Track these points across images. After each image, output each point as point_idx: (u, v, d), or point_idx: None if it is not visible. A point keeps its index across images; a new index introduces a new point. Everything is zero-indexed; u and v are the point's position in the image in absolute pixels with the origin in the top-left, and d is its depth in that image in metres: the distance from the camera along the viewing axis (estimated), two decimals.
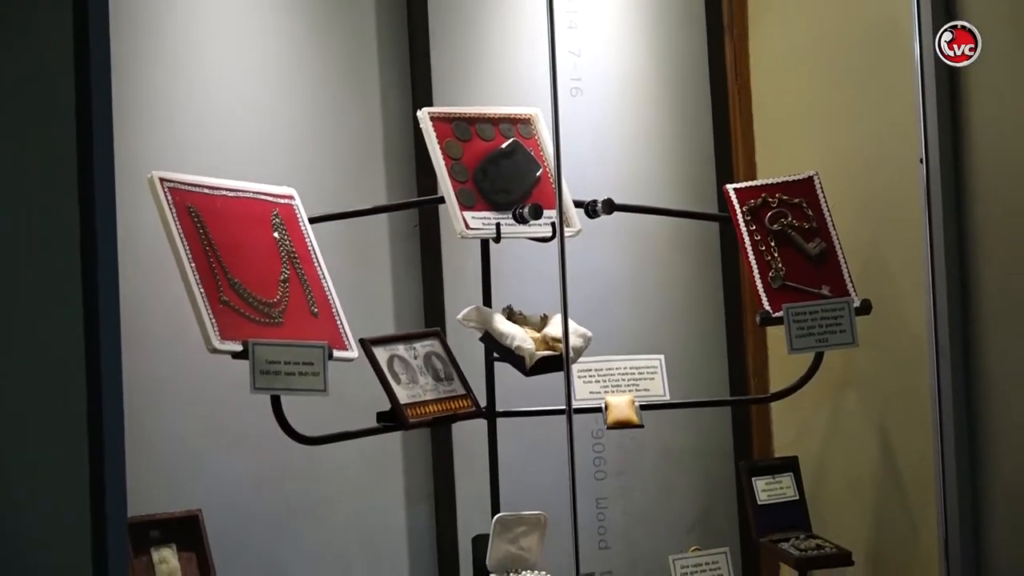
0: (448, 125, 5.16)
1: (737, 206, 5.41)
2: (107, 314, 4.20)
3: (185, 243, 4.67)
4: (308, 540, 5.19)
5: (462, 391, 5.05)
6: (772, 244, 5.37)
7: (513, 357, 5.05)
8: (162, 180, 4.70)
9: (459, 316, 5.12)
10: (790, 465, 5.44)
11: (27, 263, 4.13)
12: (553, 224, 5.08)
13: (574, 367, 5.07)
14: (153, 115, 5.02)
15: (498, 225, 5.08)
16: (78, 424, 4.16)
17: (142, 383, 4.54)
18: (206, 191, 4.79)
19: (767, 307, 5.29)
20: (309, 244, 4.94)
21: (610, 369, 5.23)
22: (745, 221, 5.39)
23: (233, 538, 4.92)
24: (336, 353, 4.77)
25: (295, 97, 5.30)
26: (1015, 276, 5.07)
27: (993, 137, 5.12)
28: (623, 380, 5.24)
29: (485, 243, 5.13)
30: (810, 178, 5.45)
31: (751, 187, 5.49)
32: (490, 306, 5.13)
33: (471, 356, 5.14)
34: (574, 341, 5.04)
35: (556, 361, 5.02)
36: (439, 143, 5.11)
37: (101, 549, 4.17)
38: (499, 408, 5.14)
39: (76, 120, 4.16)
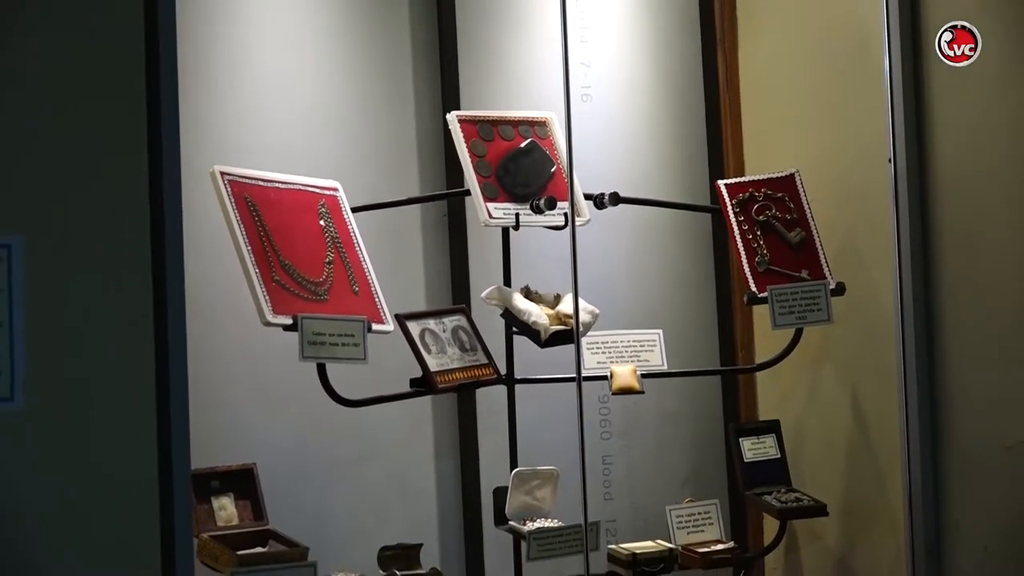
0: (474, 126, 5.18)
1: (727, 199, 5.42)
2: (173, 291, 4.22)
3: (242, 229, 4.69)
4: (348, 490, 5.21)
5: (485, 360, 5.07)
6: (758, 233, 5.38)
7: (530, 331, 5.07)
8: (223, 174, 4.73)
9: (483, 295, 5.15)
10: (772, 427, 5.45)
11: (106, 246, 4.14)
12: (565, 214, 5.11)
13: (583, 340, 5.08)
14: (214, 114, 5.02)
15: (517, 215, 5.10)
16: (148, 387, 4.17)
17: (204, 351, 4.56)
18: (261, 183, 4.80)
19: (753, 288, 5.30)
20: (351, 231, 4.95)
21: (615, 342, 5.25)
22: (734, 213, 5.40)
23: (283, 488, 4.93)
24: (374, 326, 4.80)
25: (339, 100, 5.30)
26: (970, 262, 5.10)
27: (953, 140, 5.13)
28: (626, 352, 5.25)
29: (506, 231, 5.15)
30: (791, 175, 5.45)
31: (740, 183, 5.51)
32: (510, 286, 5.14)
33: (493, 330, 5.16)
34: (583, 317, 5.07)
35: (567, 335, 5.05)
36: (466, 142, 5.13)
37: (168, 497, 4.19)
38: (517, 376, 5.17)
39: (147, 119, 4.17)
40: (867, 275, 5.32)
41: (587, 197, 5.24)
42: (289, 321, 4.64)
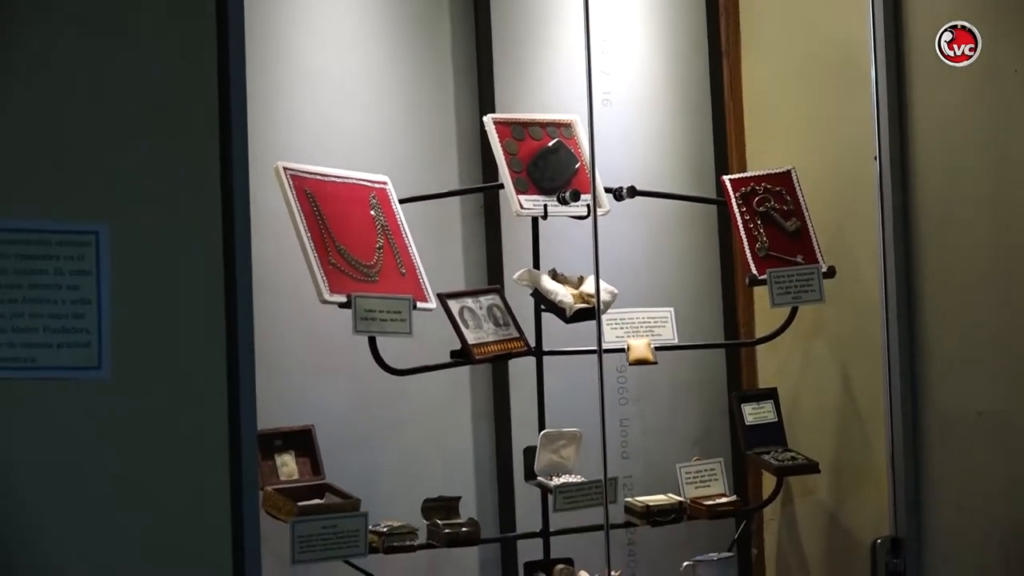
0: (507, 128, 5.18)
1: (731, 192, 5.42)
2: (242, 273, 4.22)
3: (302, 218, 4.70)
4: (395, 449, 5.21)
5: (516, 334, 5.07)
6: (758, 222, 5.38)
7: (556, 308, 5.08)
8: (285, 169, 4.74)
9: (515, 276, 5.16)
10: (771, 395, 5.45)
11: (182, 232, 4.14)
12: (588, 205, 5.11)
13: (604, 317, 5.08)
14: (278, 115, 5.03)
15: (545, 206, 5.10)
16: (219, 357, 4.17)
17: (268, 326, 4.55)
18: (319, 177, 4.82)
19: (754, 271, 5.30)
20: (398, 220, 4.96)
21: (631, 318, 5.25)
22: (737, 204, 5.39)
23: (338, 447, 4.94)
24: (419, 304, 4.81)
25: (389, 104, 5.31)
26: (946, 248, 5.10)
27: (931, 140, 5.12)
28: (642, 327, 5.25)
29: (535, 220, 5.15)
30: (788, 171, 5.45)
31: (742, 178, 5.50)
32: (539, 269, 5.15)
33: (523, 307, 5.16)
34: (604, 296, 5.07)
35: (590, 312, 5.05)
36: (500, 142, 5.14)
37: (236, 455, 4.19)
38: (545, 348, 5.17)
39: (219, 120, 4.17)
40: (855, 260, 5.31)
41: (607, 190, 5.25)
42: (344, 299, 4.65)
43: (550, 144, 5.20)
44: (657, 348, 5.23)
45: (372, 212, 4.91)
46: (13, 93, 3.95)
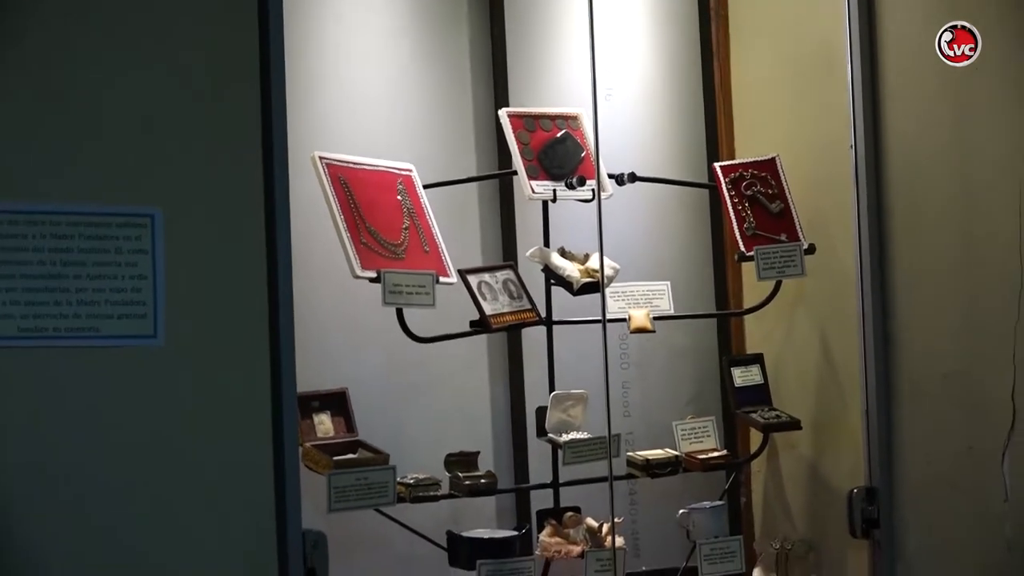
0: (520, 120, 5.18)
1: (722, 178, 5.42)
2: (282, 251, 4.24)
3: (336, 202, 4.71)
4: (420, 409, 5.23)
5: (529, 306, 5.08)
6: (746, 205, 5.37)
7: (564, 283, 5.09)
8: (321, 158, 4.76)
9: (527, 254, 5.17)
10: (757, 359, 5.46)
11: (228, 214, 4.16)
12: (593, 190, 5.11)
13: (607, 290, 5.09)
14: (314, 108, 5.05)
15: (554, 191, 5.11)
16: (262, 328, 4.19)
17: (306, 300, 4.57)
18: (351, 165, 4.83)
19: (742, 248, 5.31)
20: (423, 203, 4.97)
21: (632, 291, 5.25)
22: (727, 189, 5.39)
23: (369, 407, 4.95)
24: (441, 279, 4.82)
25: (413, 99, 5.33)
26: (915, 227, 5.11)
27: (902, 131, 5.13)
28: (641, 299, 5.25)
29: (545, 203, 5.15)
30: (773, 159, 5.45)
31: (731, 165, 5.50)
32: (549, 247, 5.15)
33: (535, 282, 5.16)
34: (607, 271, 5.08)
35: (595, 285, 5.06)
36: (513, 133, 5.14)
37: (278, 414, 4.21)
38: (554, 318, 5.17)
39: (261, 113, 4.19)
40: (833, 238, 5.31)
41: (610, 176, 5.24)
42: (374, 275, 4.67)
43: (558, 135, 5.20)
44: (655, 318, 5.24)
45: (399, 197, 4.92)
46: (80, 94, 3.97)
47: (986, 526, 4.84)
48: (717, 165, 5.48)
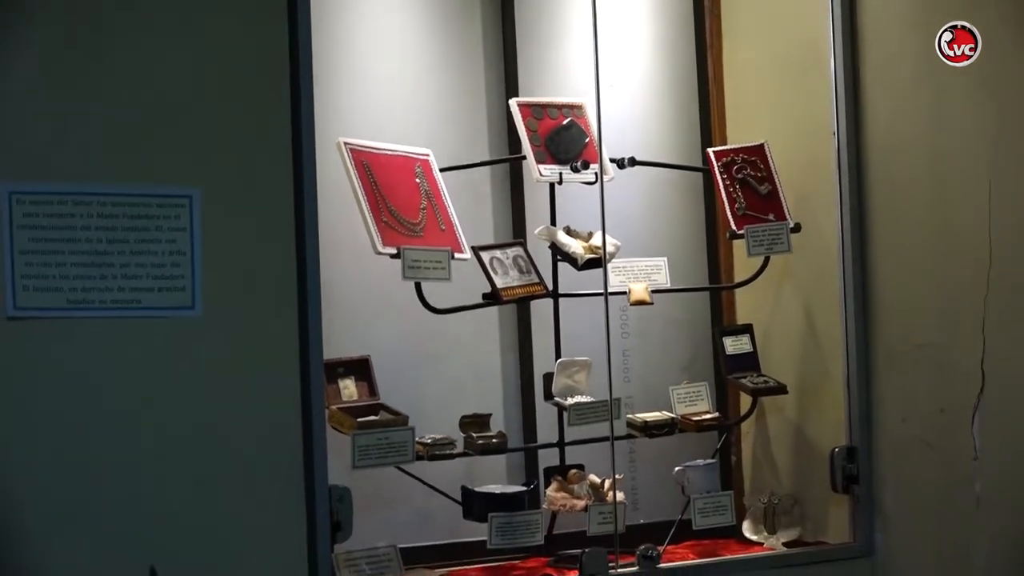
0: (528, 109, 5.18)
1: (715, 162, 5.40)
2: (310, 229, 4.26)
3: (359, 184, 4.72)
4: (437, 375, 5.23)
5: (537, 280, 5.07)
6: (737, 187, 5.36)
7: (570, 258, 5.09)
8: (345, 143, 4.76)
9: (535, 232, 5.17)
10: (747, 329, 5.44)
11: (261, 195, 4.16)
12: (596, 173, 5.11)
13: (609, 265, 5.08)
14: (339, 97, 5.05)
15: (560, 174, 5.11)
16: (292, 300, 4.20)
17: (332, 273, 4.58)
18: (373, 150, 4.82)
19: (734, 227, 5.29)
20: (439, 185, 4.96)
21: (632, 266, 5.24)
22: (719, 172, 5.38)
23: (390, 373, 4.95)
24: (456, 255, 4.82)
25: (431, 89, 5.32)
26: (892, 208, 5.11)
27: (881, 119, 5.13)
28: (640, 273, 5.24)
29: (552, 185, 5.15)
30: (762, 145, 5.43)
31: (723, 150, 5.48)
32: (555, 225, 5.15)
33: (543, 258, 5.16)
34: (609, 248, 5.07)
35: (597, 261, 5.06)
36: (523, 120, 5.14)
37: (306, 379, 4.22)
38: (561, 291, 5.17)
39: (291, 101, 4.20)
40: (817, 217, 5.30)
41: (612, 160, 5.24)
42: (394, 251, 4.66)
43: (564, 122, 5.19)
44: (653, 291, 5.23)
45: (417, 180, 4.91)
46: (124, 86, 3.98)
47: (957, 482, 4.84)
48: (710, 150, 5.46)
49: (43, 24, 3.87)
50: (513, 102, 5.19)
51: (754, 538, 5.31)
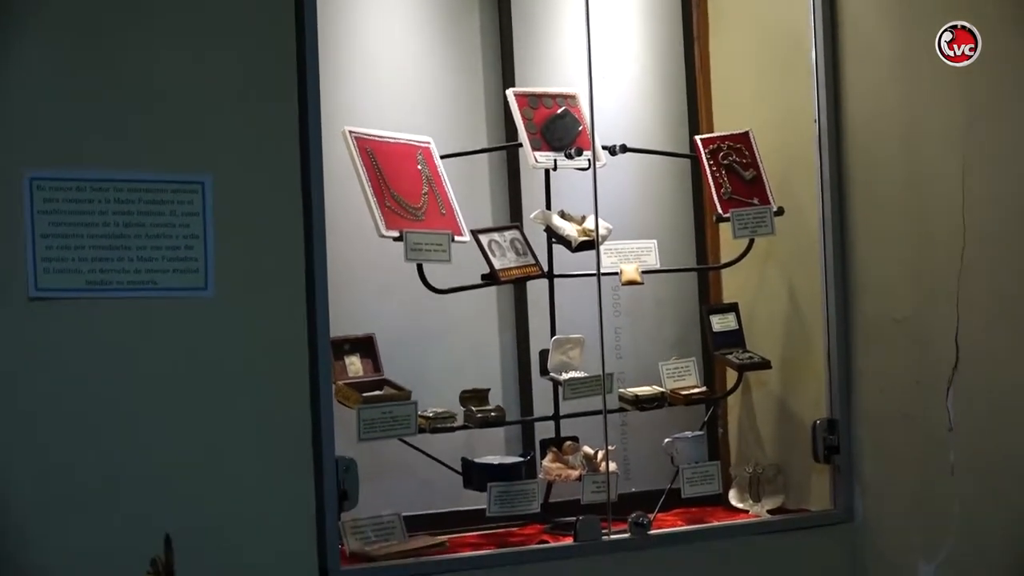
0: (524, 98, 5.17)
1: (702, 149, 5.39)
2: (317, 214, 4.28)
3: (364, 170, 4.71)
4: (439, 352, 5.23)
5: (533, 261, 5.07)
6: (723, 172, 5.35)
7: (564, 241, 5.09)
8: (350, 132, 4.75)
9: (531, 216, 5.16)
10: (733, 308, 5.43)
11: (270, 182, 4.17)
12: (589, 159, 5.11)
13: (601, 247, 5.08)
14: (344, 88, 5.04)
15: (555, 160, 5.11)
16: (299, 281, 4.21)
17: (338, 255, 4.57)
18: (377, 138, 4.82)
19: (720, 211, 5.28)
20: (440, 171, 4.96)
21: (623, 248, 5.23)
22: (706, 158, 5.37)
23: (393, 350, 4.94)
24: (456, 238, 4.82)
25: (431, 79, 5.32)
26: (870, 191, 5.11)
27: (859, 106, 5.13)
28: (631, 255, 5.24)
29: (547, 171, 5.14)
30: (746, 132, 5.42)
31: (710, 137, 5.47)
32: (550, 209, 5.14)
33: (538, 240, 5.15)
34: (601, 231, 5.07)
35: (590, 243, 5.06)
36: (519, 110, 5.12)
37: (314, 356, 4.24)
38: (555, 272, 5.16)
39: (298, 90, 4.19)
40: (799, 201, 5.29)
41: (604, 147, 5.23)
42: (397, 234, 4.66)
43: (559, 111, 5.18)
44: (644, 272, 5.22)
45: (419, 166, 4.91)
46: (140, 79, 3.99)
47: (932, 452, 4.85)
48: (697, 138, 5.45)
49: (63, 19, 3.88)
50: (510, 92, 5.18)
51: (740, 506, 5.31)
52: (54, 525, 3.83)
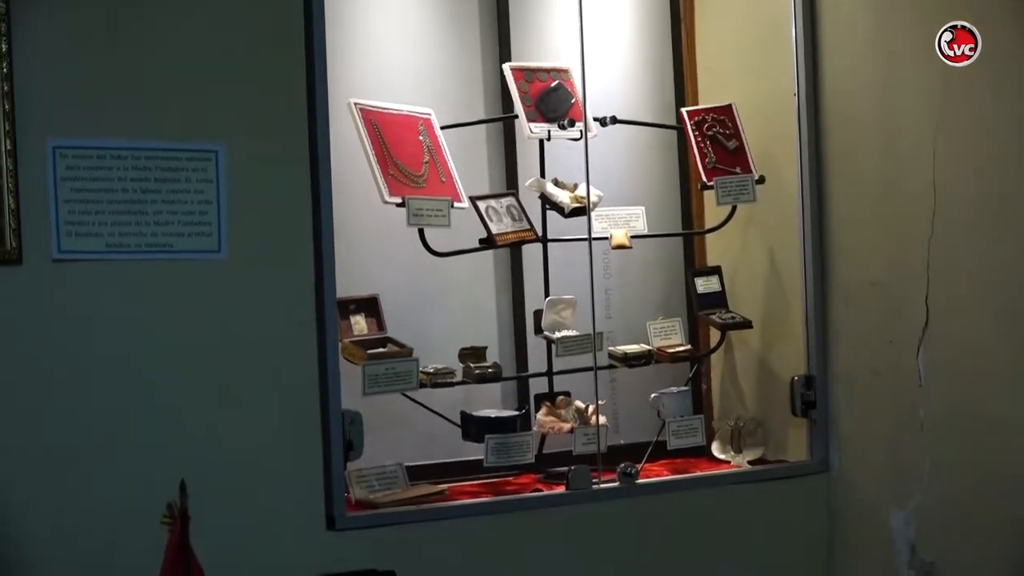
0: (520, 72, 5.16)
1: (687, 121, 5.38)
2: (324, 181, 4.29)
3: (368, 140, 4.70)
4: (439, 312, 5.22)
5: (528, 227, 5.06)
6: (707, 143, 5.34)
7: (557, 207, 5.08)
8: (355, 103, 4.73)
9: (527, 183, 5.15)
10: (716, 270, 5.43)
11: (279, 149, 4.17)
12: (581, 130, 5.09)
13: (592, 213, 5.07)
14: (350, 61, 5.01)
15: (549, 131, 5.10)
16: (307, 243, 4.21)
17: (344, 220, 4.56)
18: (380, 110, 4.80)
19: (704, 179, 5.28)
20: (440, 141, 4.94)
21: (613, 214, 5.23)
22: (692, 129, 5.36)
23: (396, 310, 4.94)
24: (455, 204, 4.81)
25: (432, 54, 5.28)
26: (846, 159, 5.10)
27: (836, 82, 5.13)
28: (621, 220, 5.23)
29: (541, 142, 5.14)
30: (729, 105, 5.41)
31: (696, 110, 5.45)
32: (544, 177, 5.13)
33: (533, 207, 5.15)
34: (592, 198, 5.07)
35: (582, 210, 5.05)
36: (515, 83, 5.11)
37: (321, 315, 4.26)
38: (549, 237, 5.16)
39: (306, 63, 4.19)
40: (779, 170, 5.29)
41: (595, 119, 5.21)
42: (399, 200, 4.65)
43: (552, 85, 5.16)
44: (633, 236, 5.22)
45: (420, 137, 4.89)
46: (158, 52, 3.99)
47: (903, 407, 4.86)
48: (683, 110, 5.44)
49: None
50: (506, 66, 5.16)
51: (722, 457, 5.32)
52: (79, 472, 3.86)
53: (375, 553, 4.24)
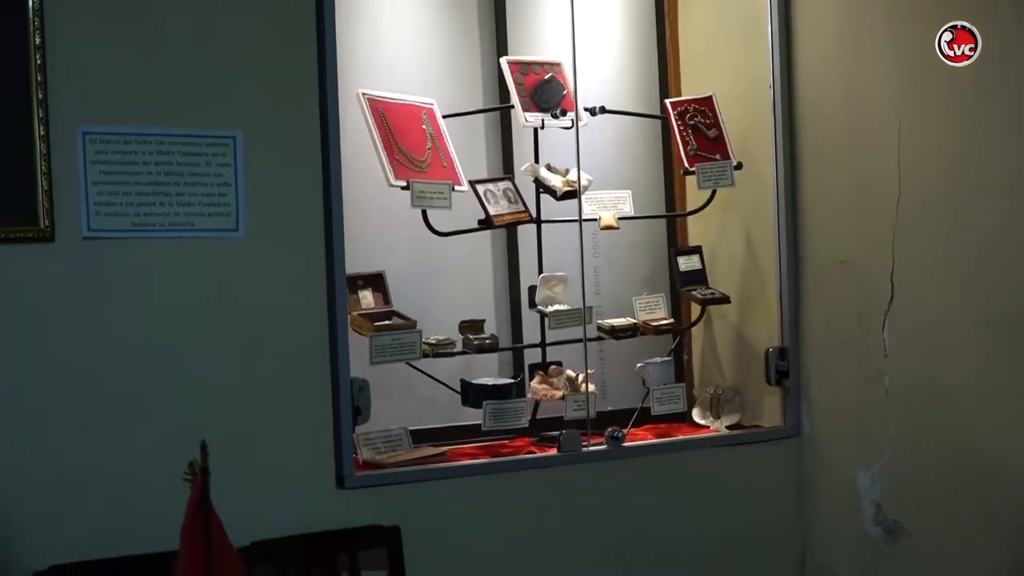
0: (516, 66, 5.15)
1: (671, 111, 5.38)
2: (334, 165, 4.29)
3: (375, 127, 4.69)
4: (440, 288, 5.21)
5: (523, 208, 5.06)
6: (689, 132, 5.34)
7: (550, 191, 5.08)
8: (363, 94, 4.73)
9: (522, 168, 5.15)
10: (697, 250, 5.44)
11: (293, 135, 4.16)
12: (572, 120, 5.09)
13: (583, 196, 5.07)
14: (358, 53, 5.00)
15: (543, 120, 5.09)
16: (318, 222, 4.21)
17: (353, 202, 4.57)
18: (387, 100, 4.79)
19: (686, 165, 5.28)
20: (442, 129, 4.93)
21: (602, 197, 5.23)
22: (675, 119, 5.35)
23: (401, 285, 4.94)
24: (456, 187, 4.81)
25: (434, 48, 5.27)
26: (818, 146, 5.10)
27: (808, 75, 5.12)
28: (609, 204, 5.23)
29: (536, 130, 5.12)
30: (710, 96, 5.40)
31: (679, 101, 5.45)
32: (538, 163, 5.13)
33: (528, 190, 5.14)
34: (583, 182, 5.07)
35: (573, 193, 5.05)
36: (511, 75, 5.10)
37: (332, 289, 4.26)
38: (543, 218, 5.15)
39: (317, 55, 4.18)
40: (756, 157, 5.29)
41: (586, 109, 5.21)
42: (404, 183, 4.65)
43: (546, 77, 5.15)
44: (620, 218, 5.21)
45: (423, 125, 4.89)
46: (179, 44, 4.00)
47: (870, 376, 4.87)
48: (667, 101, 5.44)
49: None
50: (503, 60, 5.15)
51: (702, 422, 5.34)
52: (109, 433, 3.87)
53: (381, 510, 4.26)
